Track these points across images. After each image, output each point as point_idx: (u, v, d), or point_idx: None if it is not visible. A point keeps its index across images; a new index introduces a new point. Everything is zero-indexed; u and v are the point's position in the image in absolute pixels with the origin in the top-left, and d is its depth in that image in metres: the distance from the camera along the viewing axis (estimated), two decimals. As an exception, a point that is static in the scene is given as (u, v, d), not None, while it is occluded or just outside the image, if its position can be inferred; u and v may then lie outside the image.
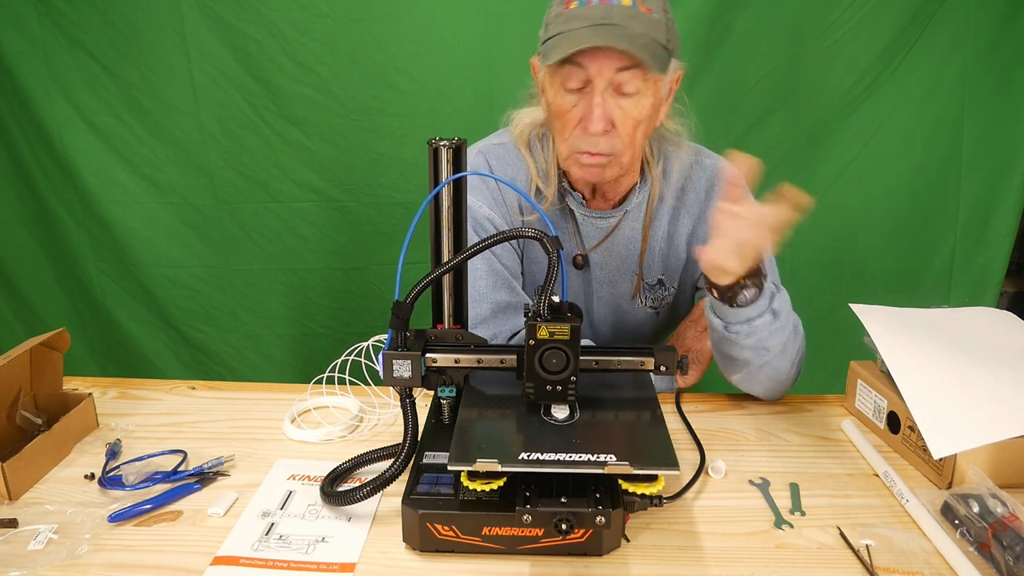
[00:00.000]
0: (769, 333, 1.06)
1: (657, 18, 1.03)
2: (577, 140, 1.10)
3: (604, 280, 1.30)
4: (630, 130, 1.09)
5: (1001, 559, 0.80)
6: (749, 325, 1.05)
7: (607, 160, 1.11)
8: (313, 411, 1.18)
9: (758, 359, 1.09)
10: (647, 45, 1.02)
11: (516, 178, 1.22)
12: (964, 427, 0.94)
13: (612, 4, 1.02)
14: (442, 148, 0.91)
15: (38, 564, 0.82)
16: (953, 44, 1.79)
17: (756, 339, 1.06)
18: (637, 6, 1.02)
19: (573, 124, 1.10)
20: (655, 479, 0.81)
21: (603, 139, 1.08)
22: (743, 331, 1.05)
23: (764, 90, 1.81)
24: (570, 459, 0.78)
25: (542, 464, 0.78)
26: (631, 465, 0.77)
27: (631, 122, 1.08)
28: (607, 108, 1.06)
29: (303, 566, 0.82)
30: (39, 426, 1.05)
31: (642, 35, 1.02)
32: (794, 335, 1.11)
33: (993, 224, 1.90)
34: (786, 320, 1.08)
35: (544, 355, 0.85)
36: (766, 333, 1.06)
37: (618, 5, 1.02)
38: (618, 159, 1.12)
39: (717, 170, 1.26)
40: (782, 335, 1.07)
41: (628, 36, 1.01)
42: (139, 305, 1.98)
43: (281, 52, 1.76)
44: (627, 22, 1.01)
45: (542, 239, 0.85)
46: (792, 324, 1.10)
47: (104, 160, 1.84)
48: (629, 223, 1.25)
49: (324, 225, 1.91)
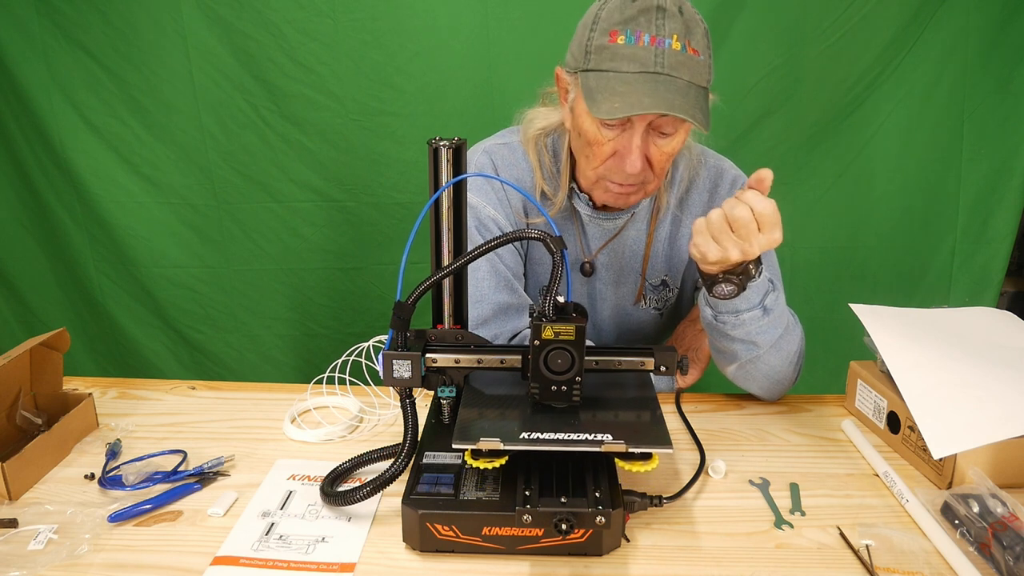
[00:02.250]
0: (759, 328, 1.06)
1: (703, 60, 1.02)
2: (609, 171, 1.11)
3: (608, 281, 1.30)
4: (662, 164, 1.10)
5: (1001, 559, 0.80)
6: (737, 317, 1.05)
7: (635, 189, 1.13)
8: (313, 411, 1.18)
9: (747, 353, 1.09)
10: (696, 100, 1.01)
11: (521, 180, 1.22)
12: (964, 427, 0.94)
13: (663, 48, 1.00)
14: (442, 148, 0.91)
15: (38, 564, 0.82)
16: (953, 44, 1.79)
17: (744, 332, 1.06)
18: (687, 49, 1.01)
19: (606, 156, 1.10)
20: (650, 457, 0.82)
21: (639, 173, 1.09)
22: (730, 322, 1.05)
23: (764, 90, 1.81)
24: (569, 438, 0.80)
25: (542, 443, 0.80)
26: (626, 443, 0.79)
27: (665, 157, 1.09)
28: (645, 148, 1.07)
29: (303, 566, 0.82)
30: (39, 426, 1.05)
31: (689, 86, 1.01)
32: (788, 335, 1.11)
33: (993, 224, 1.90)
34: (778, 318, 1.07)
35: (549, 355, 0.85)
36: (755, 328, 1.06)
37: (669, 49, 1.00)
38: (645, 187, 1.13)
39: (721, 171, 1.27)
40: (772, 332, 1.07)
41: (679, 90, 1.00)
42: (139, 305, 1.98)
43: (281, 52, 1.75)
44: (678, 70, 1.00)
45: (546, 240, 0.85)
46: (786, 324, 1.10)
47: (104, 160, 1.84)
48: (634, 225, 1.25)
49: (324, 225, 1.91)
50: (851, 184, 1.89)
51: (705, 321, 1.10)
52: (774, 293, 1.06)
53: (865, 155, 1.87)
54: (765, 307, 1.05)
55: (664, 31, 1.00)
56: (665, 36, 1.00)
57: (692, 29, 1.01)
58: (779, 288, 1.10)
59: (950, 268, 1.95)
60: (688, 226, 1.27)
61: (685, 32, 1.00)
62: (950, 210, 1.90)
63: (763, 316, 1.05)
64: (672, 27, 1.00)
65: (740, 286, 1.02)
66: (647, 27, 1.00)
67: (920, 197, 1.90)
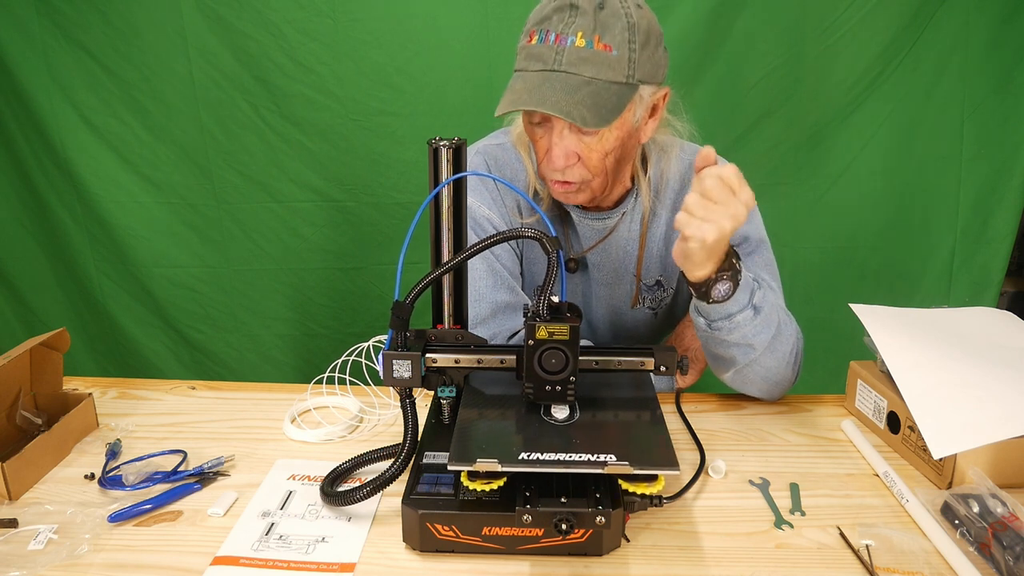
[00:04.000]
0: (753, 329, 1.05)
1: (616, 55, 1.00)
2: (545, 168, 1.11)
3: (602, 282, 1.30)
4: (597, 161, 1.09)
5: (1001, 559, 0.80)
6: (730, 321, 1.05)
7: (576, 187, 1.12)
8: (313, 411, 1.18)
9: (744, 356, 1.09)
10: (590, 96, 0.99)
11: (515, 180, 1.22)
12: (964, 427, 0.94)
13: (566, 46, 1.00)
14: (442, 148, 0.91)
15: (38, 564, 0.82)
16: (953, 44, 1.78)
17: (739, 335, 1.06)
18: (594, 45, 0.99)
19: (542, 152, 1.11)
20: (655, 479, 0.81)
21: (569, 170, 1.09)
22: (725, 327, 1.05)
23: (764, 90, 1.81)
24: (570, 459, 0.78)
25: (542, 464, 0.78)
26: (631, 465, 0.77)
27: (597, 154, 1.08)
28: (568, 145, 1.07)
29: (303, 566, 0.82)
30: (39, 426, 1.05)
31: (587, 83, 0.99)
32: (781, 334, 1.10)
33: (993, 224, 1.89)
34: (769, 316, 1.07)
35: (543, 355, 0.85)
36: (749, 329, 1.05)
37: (571, 47, 0.99)
38: (588, 185, 1.12)
39: None
40: (767, 332, 1.07)
41: (568, 87, 0.99)
42: (139, 305, 1.98)
43: (281, 52, 1.75)
44: (577, 66, 0.99)
45: (542, 239, 0.85)
46: (778, 322, 1.09)
47: (104, 160, 1.85)
48: (627, 224, 1.25)
49: (324, 225, 1.91)
50: (851, 184, 1.89)
51: (699, 331, 1.10)
52: (760, 291, 1.06)
53: (865, 155, 1.87)
54: (755, 306, 1.05)
55: (570, 28, 1.00)
56: (570, 34, 1.00)
57: (608, 24, 1.00)
58: (766, 285, 1.09)
59: (950, 268, 1.94)
60: None
61: (594, 28, 0.99)
62: (950, 210, 1.90)
63: (755, 316, 1.05)
64: (580, 24, 1.00)
65: (734, 280, 1.01)
66: (556, 26, 1.01)
67: (920, 197, 1.90)
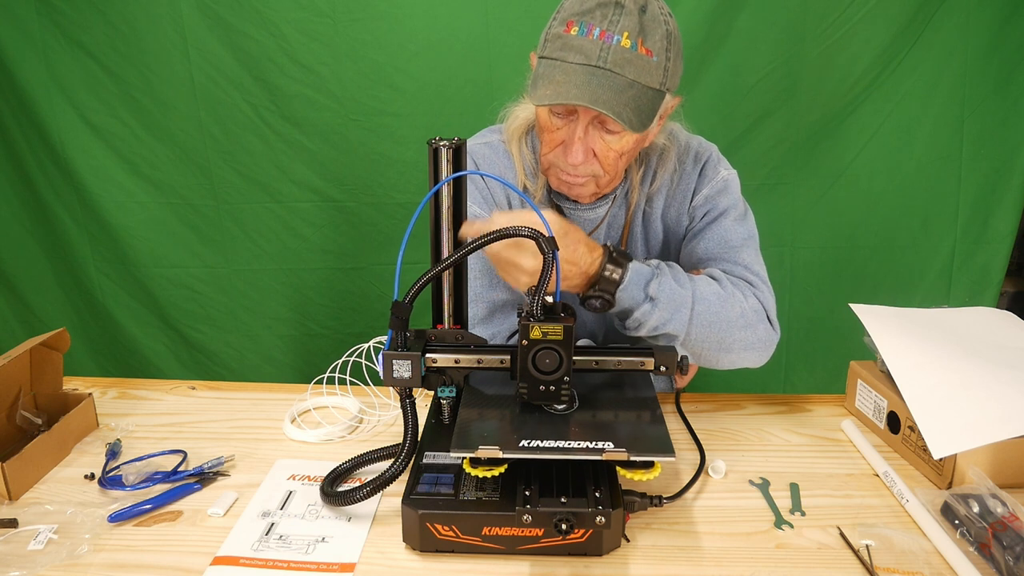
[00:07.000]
0: (659, 320, 1.03)
1: (656, 61, 1.01)
2: (557, 159, 1.11)
3: None
4: (612, 160, 1.09)
5: (1001, 559, 0.80)
6: (631, 318, 1.04)
7: (584, 181, 1.12)
8: (313, 411, 1.18)
9: (669, 340, 1.07)
10: (633, 99, 1.00)
11: (502, 178, 1.22)
12: (964, 427, 0.94)
13: (611, 44, 1.00)
14: (442, 148, 0.91)
15: (38, 564, 0.82)
16: (953, 44, 1.79)
17: (649, 327, 1.04)
18: (637, 48, 1.00)
19: (555, 144, 1.10)
20: (652, 466, 0.81)
21: (583, 165, 1.09)
22: (631, 326, 1.06)
23: (764, 90, 1.81)
24: (569, 446, 0.80)
25: (542, 451, 0.79)
26: (628, 452, 0.79)
27: (613, 154, 1.09)
28: (589, 141, 1.07)
29: (303, 566, 0.82)
30: (39, 426, 1.05)
31: (631, 86, 1.00)
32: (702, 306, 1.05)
33: (993, 224, 1.90)
34: (671, 300, 1.03)
35: (537, 355, 0.85)
36: (654, 320, 1.03)
37: (617, 46, 1.00)
38: (596, 181, 1.13)
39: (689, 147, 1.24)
40: (680, 315, 1.04)
41: (615, 87, 0.99)
42: (139, 305, 1.98)
43: (281, 52, 1.75)
44: (622, 67, 1.00)
45: (538, 239, 0.85)
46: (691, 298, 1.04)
47: (104, 160, 1.85)
48: (613, 214, 1.25)
49: (324, 225, 1.91)
50: (851, 184, 1.89)
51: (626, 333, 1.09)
52: (656, 280, 1.03)
53: (865, 155, 1.87)
54: (651, 298, 1.03)
55: (616, 27, 1.00)
56: (616, 32, 1.00)
57: (650, 29, 1.01)
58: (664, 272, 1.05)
59: (950, 268, 1.94)
60: (658, 206, 1.24)
61: (639, 31, 1.00)
62: (950, 210, 1.90)
63: (653, 308, 1.03)
64: (625, 24, 1.00)
65: (606, 299, 1.01)
66: (600, 21, 1.00)
67: (920, 197, 1.90)
